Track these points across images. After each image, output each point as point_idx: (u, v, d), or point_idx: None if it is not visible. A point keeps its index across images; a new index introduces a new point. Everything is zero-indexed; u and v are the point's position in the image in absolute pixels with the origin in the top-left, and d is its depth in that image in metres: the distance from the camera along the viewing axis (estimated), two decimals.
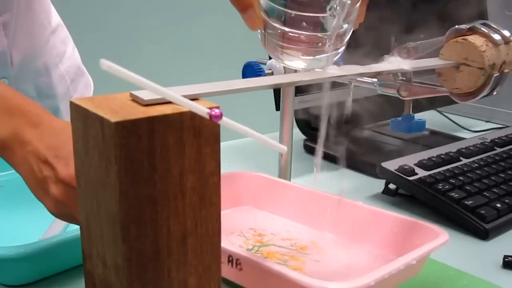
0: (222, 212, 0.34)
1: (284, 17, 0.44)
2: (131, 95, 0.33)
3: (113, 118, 0.29)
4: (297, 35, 0.44)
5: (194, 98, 0.33)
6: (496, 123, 1.18)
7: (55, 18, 0.93)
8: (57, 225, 0.62)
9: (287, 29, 0.44)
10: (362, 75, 0.42)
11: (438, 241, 0.49)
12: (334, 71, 0.41)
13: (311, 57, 0.46)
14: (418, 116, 0.88)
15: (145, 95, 0.32)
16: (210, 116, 0.29)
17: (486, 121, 1.19)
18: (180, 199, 0.32)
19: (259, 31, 0.47)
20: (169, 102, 0.32)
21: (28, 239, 0.53)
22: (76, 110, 0.33)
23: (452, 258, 0.59)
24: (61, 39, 0.94)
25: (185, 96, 0.31)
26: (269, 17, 0.45)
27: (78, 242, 0.52)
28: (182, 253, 0.33)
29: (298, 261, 0.53)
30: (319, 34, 0.44)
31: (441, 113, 1.17)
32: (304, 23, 0.44)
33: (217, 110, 0.29)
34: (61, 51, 0.94)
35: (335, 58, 0.46)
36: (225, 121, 0.29)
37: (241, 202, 0.65)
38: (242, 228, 0.59)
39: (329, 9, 0.42)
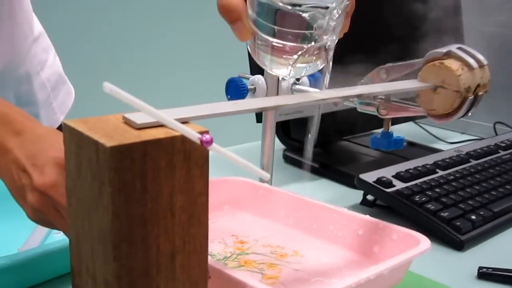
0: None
1: (271, 29, 0.45)
2: (124, 118, 0.34)
3: (108, 143, 0.30)
4: (284, 45, 0.46)
5: (184, 121, 0.34)
6: (471, 134, 1.21)
7: (37, 26, 0.93)
8: (37, 236, 0.63)
9: (274, 40, 0.46)
10: (344, 98, 0.44)
11: (419, 249, 0.50)
12: (318, 95, 0.43)
13: (298, 66, 0.47)
14: (397, 127, 0.90)
15: (138, 119, 0.33)
16: (201, 141, 0.30)
17: (462, 133, 1.23)
18: (169, 218, 0.33)
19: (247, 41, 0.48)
20: (161, 126, 0.33)
21: (7, 250, 0.53)
22: (70, 132, 0.34)
23: (429, 269, 0.61)
24: (43, 48, 0.94)
25: (176, 119, 0.32)
26: (258, 28, 0.46)
27: (58, 254, 0.53)
28: (171, 270, 0.34)
29: (275, 269, 0.53)
30: (305, 46, 0.46)
31: (418, 125, 1.20)
32: (290, 36, 0.45)
33: (207, 136, 0.31)
34: (43, 59, 0.94)
35: (320, 67, 0.48)
36: (214, 147, 0.31)
37: (228, 208, 0.66)
38: (224, 234, 0.60)
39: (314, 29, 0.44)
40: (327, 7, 0.43)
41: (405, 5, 1.03)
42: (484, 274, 0.62)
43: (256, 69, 0.73)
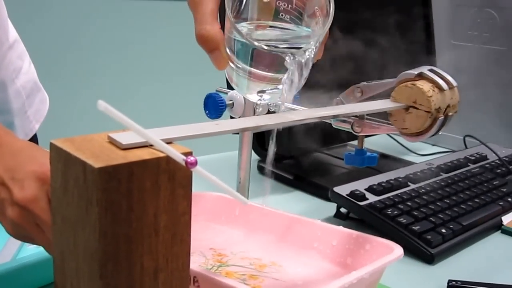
0: None
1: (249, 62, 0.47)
2: (109, 137, 0.35)
3: (96, 164, 0.31)
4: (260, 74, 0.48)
5: (168, 142, 0.35)
6: (441, 146, 1.24)
7: (12, 33, 0.92)
8: (9, 249, 0.62)
9: (252, 70, 0.47)
10: (321, 118, 0.45)
11: (393, 255, 0.52)
12: (296, 116, 0.44)
13: (273, 93, 0.49)
14: (370, 138, 0.90)
15: (123, 139, 0.34)
16: (186, 163, 0.32)
17: (433, 145, 1.25)
18: (153, 237, 0.34)
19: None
20: (145, 146, 0.34)
21: None
22: (56, 151, 0.35)
23: (399, 282, 0.63)
24: (18, 54, 0.93)
25: (161, 140, 0.33)
26: (235, 58, 0.48)
27: (31, 268, 0.53)
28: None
29: (257, 279, 0.55)
30: (280, 76, 0.48)
31: (391, 136, 1.22)
32: (266, 68, 0.47)
33: (192, 158, 0.32)
34: (18, 67, 0.93)
35: (295, 93, 0.49)
36: (197, 170, 0.32)
37: (204, 222, 0.67)
38: (202, 248, 0.61)
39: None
40: (300, 47, 0.45)
41: (377, 24, 1.05)
42: (453, 287, 0.64)
43: None
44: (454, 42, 1.25)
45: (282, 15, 0.47)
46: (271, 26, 0.48)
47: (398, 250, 0.53)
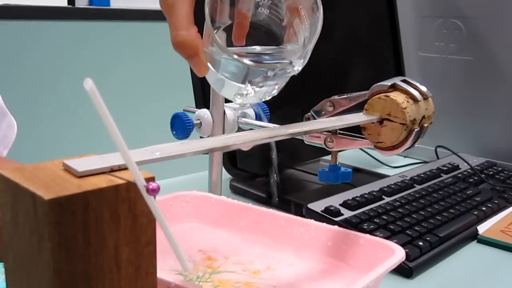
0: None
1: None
2: (64, 165, 0.32)
3: (46, 195, 0.28)
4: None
5: (122, 168, 0.33)
6: (413, 158, 1.23)
7: None
8: None
9: (238, 85, 0.45)
10: (292, 135, 0.43)
11: (396, 258, 0.50)
12: (266, 133, 0.42)
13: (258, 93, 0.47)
14: (342, 154, 0.88)
15: (80, 166, 0.31)
16: (147, 189, 0.29)
17: (405, 157, 1.25)
18: (115, 272, 0.31)
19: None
20: (104, 173, 0.31)
21: None
22: (5, 182, 0.31)
23: None
24: None
25: (121, 164, 0.31)
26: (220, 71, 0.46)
27: None
28: None
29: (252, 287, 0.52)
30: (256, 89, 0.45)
31: (363, 150, 1.21)
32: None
33: (154, 184, 0.29)
34: None
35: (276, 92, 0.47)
36: (150, 201, 0.29)
37: (190, 222, 0.64)
38: (190, 250, 0.58)
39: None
40: (291, 62, 0.43)
41: (344, 39, 1.04)
42: None
43: (201, 102, 0.72)
44: (421, 54, 1.25)
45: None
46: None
47: (400, 251, 0.51)
